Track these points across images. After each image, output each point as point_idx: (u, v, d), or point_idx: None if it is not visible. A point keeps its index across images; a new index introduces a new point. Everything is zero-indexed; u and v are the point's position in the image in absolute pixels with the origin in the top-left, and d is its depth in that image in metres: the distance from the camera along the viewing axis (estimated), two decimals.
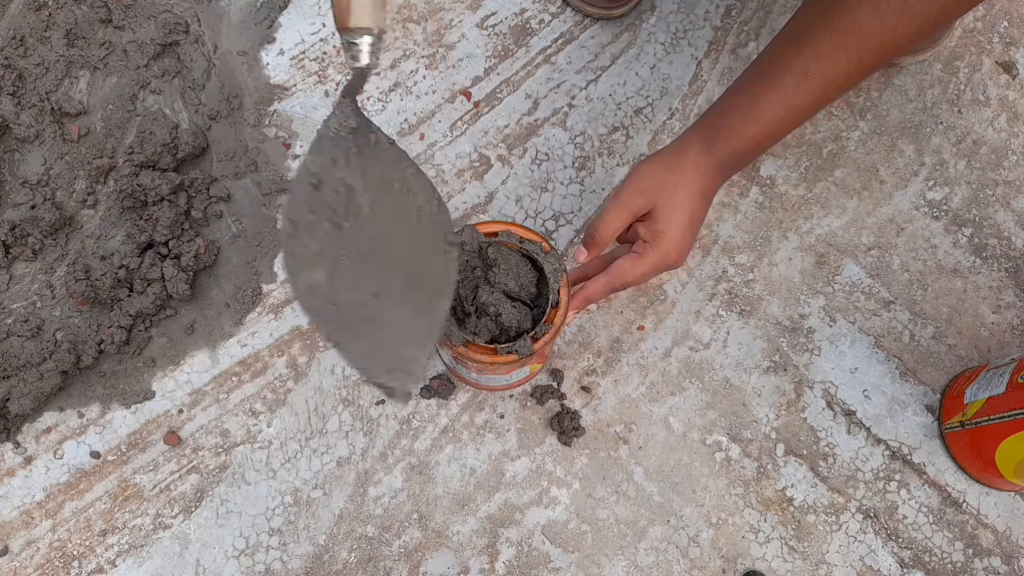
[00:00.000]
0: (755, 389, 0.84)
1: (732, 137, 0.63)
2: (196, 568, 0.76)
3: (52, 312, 0.82)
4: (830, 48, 0.59)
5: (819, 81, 0.60)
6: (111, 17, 0.89)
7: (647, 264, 0.65)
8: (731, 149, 0.64)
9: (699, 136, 0.65)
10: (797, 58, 0.60)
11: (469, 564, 0.77)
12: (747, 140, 0.63)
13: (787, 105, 0.61)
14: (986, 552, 0.81)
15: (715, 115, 0.65)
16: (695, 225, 0.65)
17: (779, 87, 0.61)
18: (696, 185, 0.64)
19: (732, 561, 0.79)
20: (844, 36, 0.58)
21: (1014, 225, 0.91)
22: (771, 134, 0.63)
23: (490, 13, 0.96)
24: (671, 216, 0.64)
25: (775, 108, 0.62)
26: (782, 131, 0.64)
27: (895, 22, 0.56)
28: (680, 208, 0.64)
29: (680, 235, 0.64)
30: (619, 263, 0.65)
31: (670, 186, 0.64)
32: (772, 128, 0.63)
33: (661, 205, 0.64)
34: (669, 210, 0.64)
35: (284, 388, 0.82)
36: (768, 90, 0.61)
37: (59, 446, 0.79)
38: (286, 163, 0.89)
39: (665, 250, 0.64)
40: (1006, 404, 0.74)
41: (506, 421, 0.82)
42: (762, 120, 0.62)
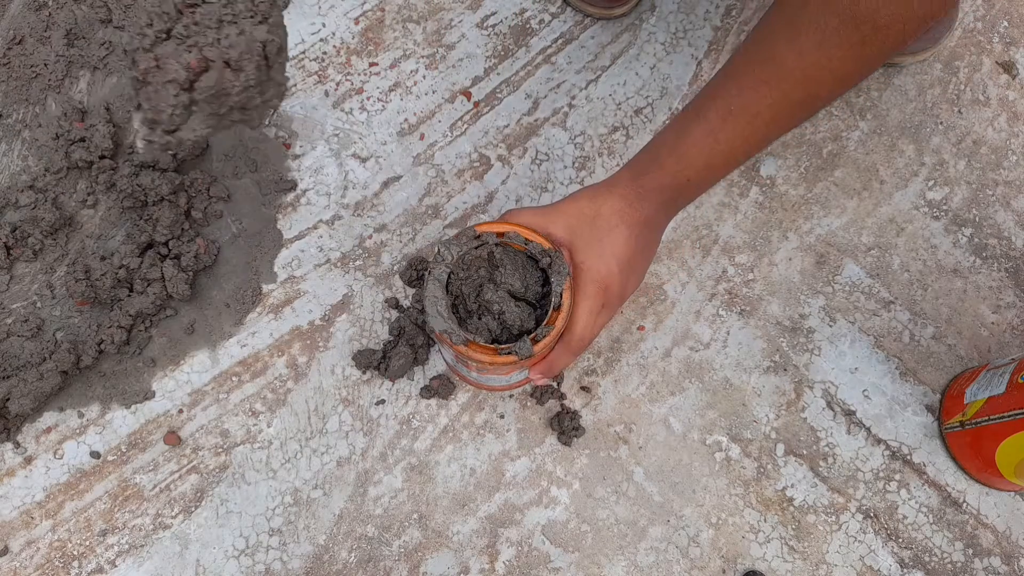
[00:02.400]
0: (755, 389, 0.84)
1: (659, 171, 0.62)
2: (196, 568, 0.76)
3: (52, 312, 0.82)
4: (751, 82, 0.57)
5: (743, 116, 0.58)
6: (111, 17, 0.89)
7: (583, 309, 0.62)
8: (657, 183, 0.62)
9: (629, 170, 0.63)
10: (722, 93, 0.59)
11: (469, 564, 0.77)
12: (673, 175, 0.61)
13: (712, 140, 0.59)
14: (986, 552, 0.81)
15: (646, 150, 0.64)
16: (623, 258, 0.62)
17: (704, 122, 0.59)
18: (620, 217, 0.62)
19: (732, 561, 0.79)
20: (765, 68, 0.56)
21: (1014, 225, 0.91)
22: (701, 169, 0.61)
23: (490, 13, 0.96)
24: (588, 250, 0.62)
25: (701, 143, 0.60)
26: (714, 166, 0.61)
27: (814, 55, 0.54)
28: (598, 241, 0.61)
29: (603, 269, 0.61)
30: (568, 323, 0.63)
31: (588, 218, 0.62)
32: (701, 163, 0.61)
33: (579, 238, 0.62)
34: (586, 243, 0.62)
35: (284, 388, 0.82)
36: (694, 126, 0.60)
37: (59, 446, 0.79)
38: (286, 163, 0.89)
39: (588, 285, 0.62)
40: (1006, 404, 0.74)
41: (506, 421, 0.82)
42: (688, 156, 0.60)
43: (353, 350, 0.83)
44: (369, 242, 0.87)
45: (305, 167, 0.89)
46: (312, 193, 0.88)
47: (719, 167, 0.62)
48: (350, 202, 0.88)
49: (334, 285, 0.85)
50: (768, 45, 0.56)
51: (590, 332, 0.63)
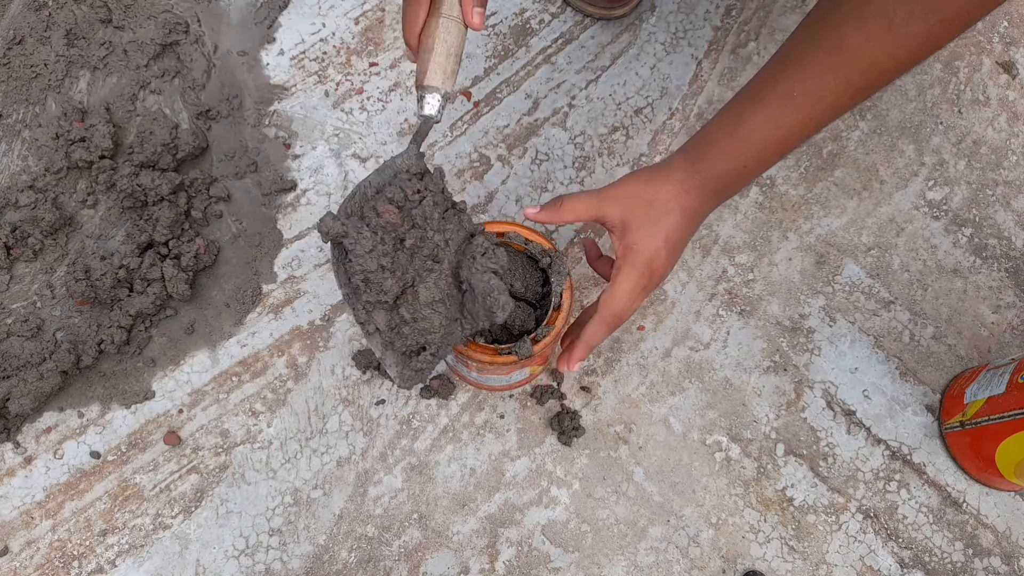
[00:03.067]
0: (755, 389, 0.84)
1: (717, 157, 0.61)
2: (196, 568, 0.76)
3: (52, 312, 0.82)
4: (816, 68, 0.57)
5: (805, 102, 0.58)
6: (111, 17, 0.89)
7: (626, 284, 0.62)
8: (715, 169, 0.62)
9: (684, 155, 0.63)
10: (784, 78, 0.58)
11: (469, 564, 0.77)
12: (732, 160, 0.61)
13: (773, 125, 0.59)
14: (986, 552, 0.81)
15: (701, 135, 0.63)
16: (672, 244, 0.63)
17: (764, 107, 0.59)
18: (676, 202, 0.62)
19: (732, 561, 0.79)
20: (831, 55, 0.56)
21: (1014, 225, 0.91)
22: (757, 156, 0.61)
23: (490, 13, 0.96)
24: (642, 231, 0.62)
25: (761, 128, 0.59)
26: (769, 154, 0.61)
27: (881, 42, 0.54)
28: (653, 223, 0.62)
29: (652, 250, 0.62)
30: (602, 296, 0.63)
31: (645, 201, 0.62)
32: (757, 149, 0.60)
33: (634, 218, 0.62)
34: (641, 224, 0.62)
35: (284, 388, 0.82)
36: (754, 110, 0.60)
37: (59, 446, 0.79)
38: (286, 163, 0.89)
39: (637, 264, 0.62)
40: (1006, 404, 0.74)
41: (506, 421, 0.82)
42: (747, 140, 0.60)
43: (353, 350, 0.83)
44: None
45: (305, 167, 0.89)
46: (312, 193, 0.88)
47: (774, 153, 0.61)
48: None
49: (334, 285, 0.85)
50: (833, 32, 0.56)
51: (629, 310, 0.64)
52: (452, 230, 0.61)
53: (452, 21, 0.57)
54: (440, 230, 0.60)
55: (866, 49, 0.55)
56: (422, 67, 0.58)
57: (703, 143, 0.63)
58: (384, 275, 0.58)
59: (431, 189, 0.60)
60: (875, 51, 0.55)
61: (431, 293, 0.60)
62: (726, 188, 0.63)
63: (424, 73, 0.58)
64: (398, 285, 0.59)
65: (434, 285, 0.60)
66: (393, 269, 0.59)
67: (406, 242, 0.60)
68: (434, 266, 0.60)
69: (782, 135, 0.60)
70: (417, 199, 0.59)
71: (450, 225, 0.61)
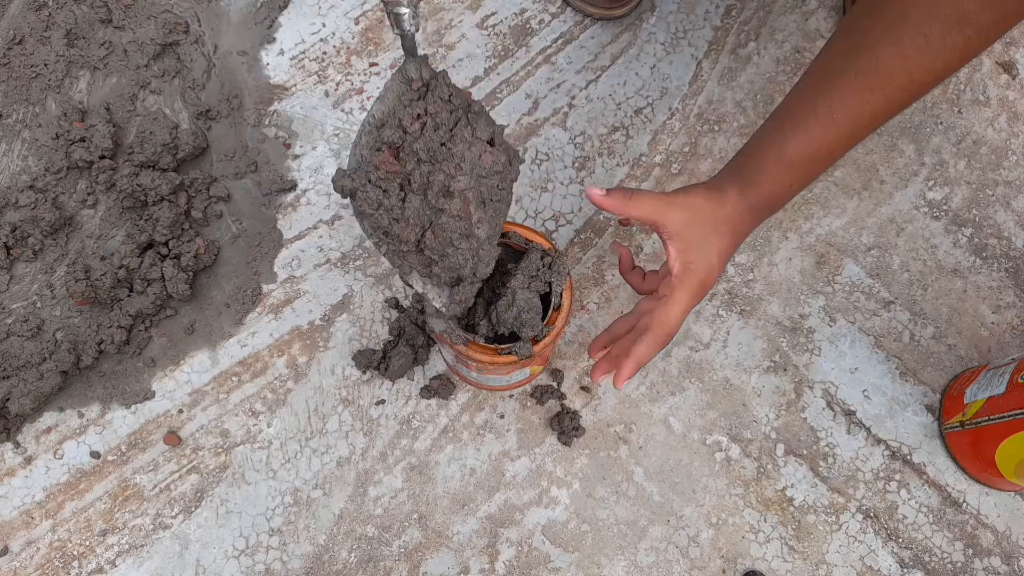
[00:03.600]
0: (755, 389, 0.84)
1: (765, 182, 0.63)
2: (196, 568, 0.76)
3: (52, 312, 0.82)
4: (855, 88, 0.58)
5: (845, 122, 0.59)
6: (111, 17, 0.89)
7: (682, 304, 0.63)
8: (764, 193, 0.63)
9: (734, 179, 0.64)
10: (823, 100, 0.59)
11: (469, 564, 0.77)
12: (780, 184, 0.63)
13: (816, 146, 0.60)
14: (986, 552, 0.81)
15: (747, 158, 0.64)
16: (723, 262, 0.64)
17: (805, 129, 0.60)
18: (730, 225, 0.63)
19: (732, 561, 0.79)
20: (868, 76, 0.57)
21: (1014, 225, 0.91)
22: (803, 176, 0.63)
23: (490, 13, 0.96)
24: (702, 250, 0.62)
25: (804, 150, 0.61)
26: (814, 174, 0.63)
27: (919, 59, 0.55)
28: (712, 244, 0.63)
29: (708, 270, 0.63)
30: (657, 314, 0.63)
31: (707, 218, 0.63)
32: (803, 172, 0.62)
33: (695, 237, 0.62)
34: (702, 244, 0.62)
35: (284, 388, 0.82)
36: (795, 134, 0.61)
37: (59, 446, 0.79)
38: (286, 163, 0.89)
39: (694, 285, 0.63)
40: (1006, 404, 0.74)
41: (506, 421, 0.82)
42: (793, 164, 0.61)
43: (353, 350, 0.83)
44: (369, 242, 0.87)
45: (305, 167, 0.89)
46: (312, 193, 0.88)
47: (818, 172, 0.63)
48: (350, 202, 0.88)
49: (334, 285, 0.85)
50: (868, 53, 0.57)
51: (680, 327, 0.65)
52: (464, 148, 0.58)
53: None
54: (448, 157, 0.57)
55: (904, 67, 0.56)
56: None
57: (752, 167, 0.63)
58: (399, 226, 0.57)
59: (432, 107, 0.56)
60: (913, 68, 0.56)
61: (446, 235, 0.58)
62: (771, 208, 0.65)
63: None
64: (415, 232, 0.58)
65: (449, 224, 0.59)
66: (406, 217, 0.57)
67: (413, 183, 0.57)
68: (446, 203, 0.58)
69: (824, 154, 0.61)
70: (418, 129, 0.56)
71: (460, 144, 0.58)
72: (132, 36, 0.89)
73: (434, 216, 0.58)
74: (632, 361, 0.63)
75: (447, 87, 0.57)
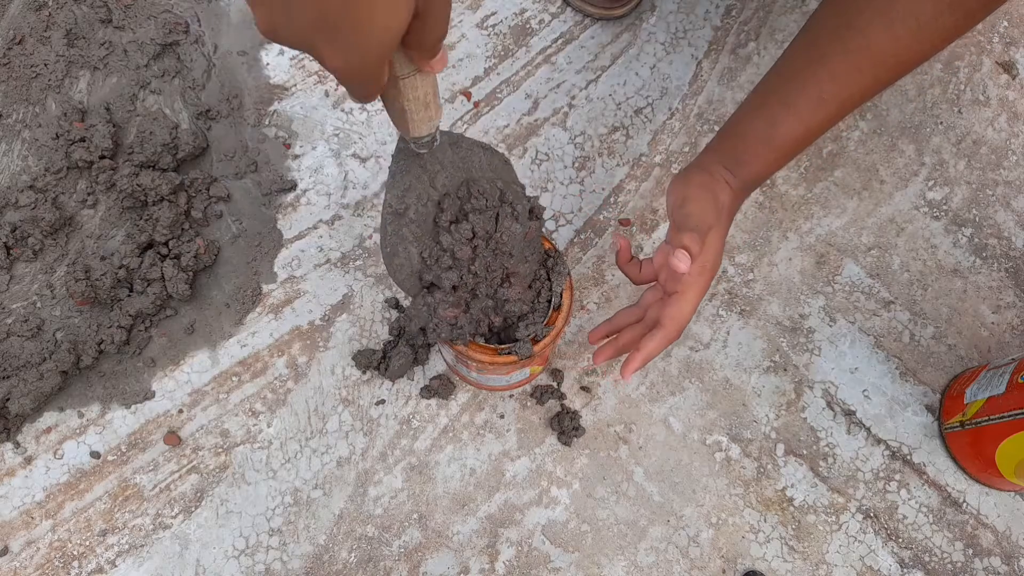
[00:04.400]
0: (755, 389, 0.84)
1: (754, 162, 0.63)
2: (196, 568, 0.76)
3: (52, 312, 0.82)
4: (845, 69, 0.58)
5: (834, 102, 0.60)
6: (111, 17, 0.89)
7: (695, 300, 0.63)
8: (754, 171, 0.64)
9: (722, 160, 0.64)
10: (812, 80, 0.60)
11: (469, 564, 0.77)
12: (768, 164, 0.63)
13: (804, 127, 0.61)
14: (986, 552, 0.81)
15: (734, 139, 0.64)
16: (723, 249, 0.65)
17: (795, 110, 0.61)
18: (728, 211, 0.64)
19: (732, 561, 0.79)
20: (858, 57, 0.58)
21: (1014, 225, 0.91)
22: (789, 154, 0.64)
23: (490, 13, 0.96)
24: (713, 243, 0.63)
25: (793, 131, 0.61)
26: (799, 150, 0.64)
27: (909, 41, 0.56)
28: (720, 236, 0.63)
29: (717, 260, 0.63)
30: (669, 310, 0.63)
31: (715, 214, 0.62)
32: (791, 149, 0.63)
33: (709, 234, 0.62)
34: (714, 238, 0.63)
35: (284, 388, 0.82)
36: (785, 115, 0.61)
37: (59, 446, 0.79)
38: (286, 163, 0.89)
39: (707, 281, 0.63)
40: (1006, 404, 0.74)
41: (506, 421, 0.82)
42: (782, 146, 0.62)
43: (353, 350, 0.83)
44: (369, 242, 0.87)
45: (305, 167, 0.89)
46: (312, 193, 0.88)
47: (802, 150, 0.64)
48: (350, 202, 0.88)
49: (334, 285, 0.85)
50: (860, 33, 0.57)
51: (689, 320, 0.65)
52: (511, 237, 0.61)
53: (412, 78, 0.46)
54: (500, 253, 0.61)
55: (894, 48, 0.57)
56: (402, 125, 0.50)
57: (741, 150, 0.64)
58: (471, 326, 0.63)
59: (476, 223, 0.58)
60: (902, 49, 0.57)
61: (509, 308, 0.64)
62: (755, 187, 0.66)
63: (408, 130, 0.50)
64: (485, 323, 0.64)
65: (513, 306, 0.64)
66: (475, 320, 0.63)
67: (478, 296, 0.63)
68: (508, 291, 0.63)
69: (812, 134, 0.62)
70: (470, 253, 0.59)
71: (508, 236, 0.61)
72: (132, 36, 0.89)
73: (498, 306, 0.64)
74: (642, 355, 0.63)
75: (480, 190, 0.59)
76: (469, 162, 0.58)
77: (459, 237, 0.58)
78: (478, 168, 0.59)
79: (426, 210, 0.57)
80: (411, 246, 0.58)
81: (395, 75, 0.45)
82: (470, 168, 0.58)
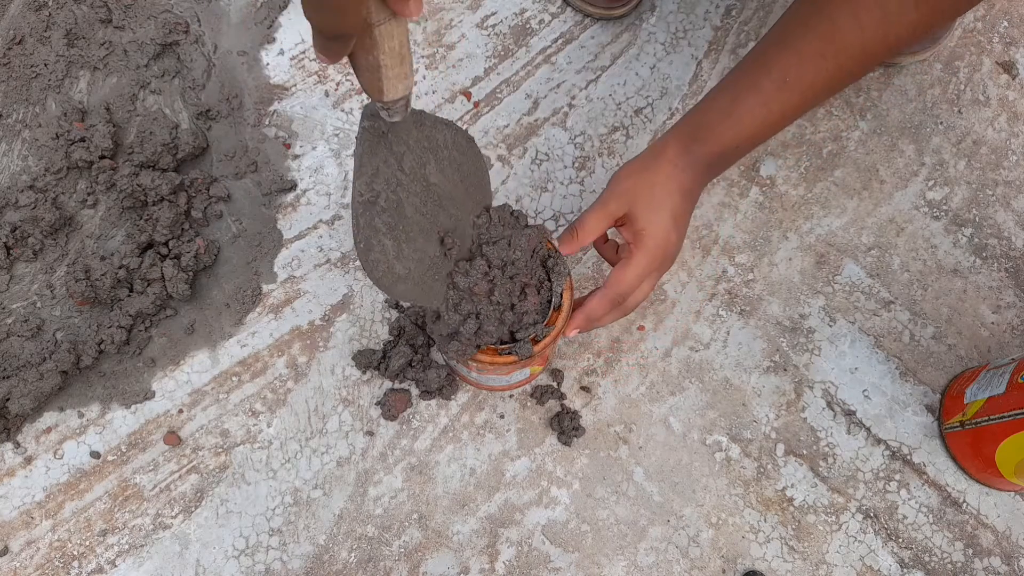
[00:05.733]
0: (755, 389, 0.84)
1: (711, 139, 0.63)
2: (196, 568, 0.76)
3: (52, 312, 0.82)
4: (810, 54, 0.59)
5: (798, 87, 0.60)
6: (111, 17, 0.89)
7: (638, 267, 0.64)
8: (710, 151, 0.64)
9: (678, 137, 0.65)
10: (777, 63, 0.60)
11: (469, 564, 0.77)
12: (725, 143, 0.63)
13: (767, 109, 0.61)
14: (986, 552, 0.81)
15: (695, 117, 0.65)
16: (679, 223, 0.64)
17: (758, 91, 0.61)
18: (675, 182, 0.64)
19: (732, 561, 0.79)
20: (824, 43, 0.58)
21: (1014, 225, 0.91)
22: (750, 136, 0.63)
23: (490, 13, 0.96)
24: (650, 215, 0.63)
25: (754, 112, 0.61)
26: (762, 134, 0.63)
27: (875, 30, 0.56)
28: (658, 206, 0.63)
29: (663, 232, 0.63)
30: (611, 274, 0.65)
31: (646, 186, 0.63)
32: (752, 131, 0.63)
33: (639, 206, 0.63)
34: (647, 210, 0.63)
35: (284, 388, 0.82)
36: (748, 94, 0.61)
37: (59, 446, 0.79)
38: (286, 163, 0.89)
39: (650, 248, 0.63)
40: (1006, 404, 0.74)
41: (506, 421, 0.82)
42: (741, 123, 0.62)
43: (353, 350, 0.83)
44: None
45: (305, 167, 0.89)
46: (312, 193, 0.88)
47: (767, 134, 0.64)
48: (350, 202, 0.88)
49: (334, 285, 0.85)
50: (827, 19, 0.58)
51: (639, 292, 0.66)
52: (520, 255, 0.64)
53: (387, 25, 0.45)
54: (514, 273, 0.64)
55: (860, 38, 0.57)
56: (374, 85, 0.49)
57: (697, 125, 0.64)
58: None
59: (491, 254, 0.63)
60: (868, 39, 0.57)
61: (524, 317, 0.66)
62: (719, 164, 0.66)
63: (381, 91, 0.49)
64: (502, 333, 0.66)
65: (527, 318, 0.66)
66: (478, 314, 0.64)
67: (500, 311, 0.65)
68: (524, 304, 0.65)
69: (775, 118, 0.62)
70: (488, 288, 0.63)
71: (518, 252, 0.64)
72: (132, 36, 0.89)
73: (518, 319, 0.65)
74: (581, 314, 0.66)
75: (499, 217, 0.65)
76: (434, 141, 0.58)
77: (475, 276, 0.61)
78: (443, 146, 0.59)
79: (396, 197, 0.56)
80: (385, 238, 0.55)
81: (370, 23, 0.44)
82: (436, 147, 0.58)
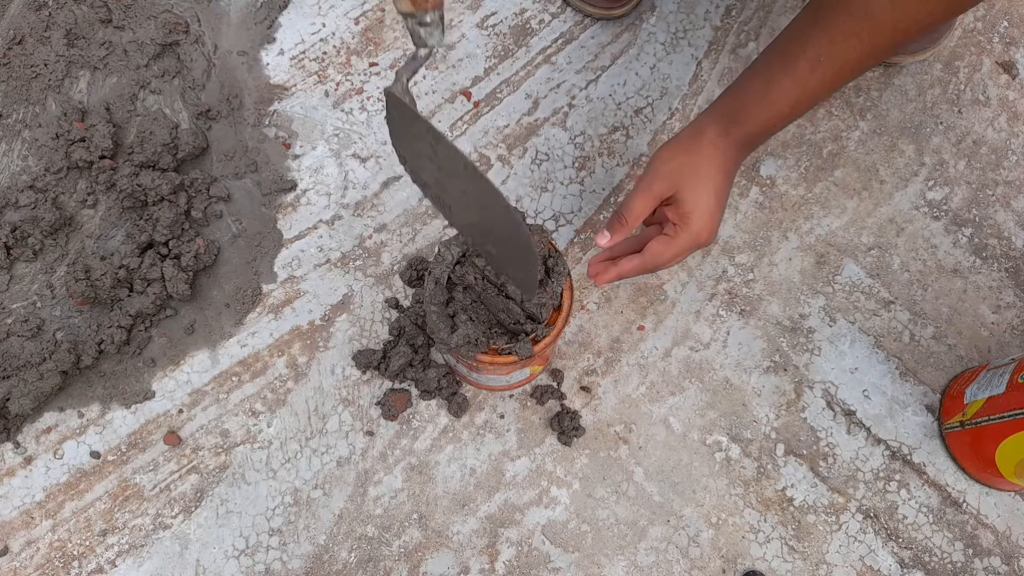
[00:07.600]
0: (755, 389, 0.84)
1: (748, 121, 0.65)
2: (196, 568, 0.76)
3: (52, 312, 0.82)
4: (843, 34, 0.60)
5: (832, 66, 0.61)
6: (111, 17, 0.89)
7: (679, 246, 0.66)
8: (747, 131, 0.66)
9: (716, 118, 0.67)
10: (812, 43, 0.61)
11: (469, 564, 0.77)
12: (762, 123, 0.65)
13: (801, 88, 0.63)
14: (986, 552, 0.81)
15: (732, 98, 0.67)
16: (721, 202, 0.67)
17: (793, 71, 0.63)
18: (716, 164, 0.66)
19: (732, 561, 0.79)
20: (858, 22, 0.59)
21: (1014, 225, 0.91)
22: (786, 115, 0.65)
23: (490, 13, 0.96)
24: (696, 198, 0.65)
25: (790, 91, 0.63)
26: (796, 113, 0.66)
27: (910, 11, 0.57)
28: (703, 188, 0.65)
29: (708, 214, 0.66)
30: (652, 246, 0.67)
31: (691, 168, 0.66)
32: (787, 110, 0.65)
33: (684, 188, 0.66)
34: (693, 192, 0.65)
35: (284, 388, 0.82)
36: (783, 74, 0.63)
37: (59, 446, 0.79)
38: (286, 163, 0.89)
39: (695, 231, 0.66)
40: (1006, 404, 0.74)
41: (506, 421, 0.82)
42: (777, 103, 0.64)
43: (353, 350, 0.83)
44: (369, 242, 0.87)
45: (305, 167, 0.89)
46: (312, 193, 0.88)
47: (797, 113, 0.66)
48: (350, 202, 0.88)
49: (334, 285, 0.85)
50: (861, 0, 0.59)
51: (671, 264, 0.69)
52: None
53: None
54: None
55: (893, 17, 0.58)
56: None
57: (735, 107, 0.66)
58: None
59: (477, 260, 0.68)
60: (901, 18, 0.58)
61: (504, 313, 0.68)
62: (754, 142, 0.68)
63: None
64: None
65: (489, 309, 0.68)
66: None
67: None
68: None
69: (809, 96, 0.64)
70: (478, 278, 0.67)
71: None
72: (132, 36, 0.89)
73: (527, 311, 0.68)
74: (616, 270, 0.68)
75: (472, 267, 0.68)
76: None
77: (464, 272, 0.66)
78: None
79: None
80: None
81: None
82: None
